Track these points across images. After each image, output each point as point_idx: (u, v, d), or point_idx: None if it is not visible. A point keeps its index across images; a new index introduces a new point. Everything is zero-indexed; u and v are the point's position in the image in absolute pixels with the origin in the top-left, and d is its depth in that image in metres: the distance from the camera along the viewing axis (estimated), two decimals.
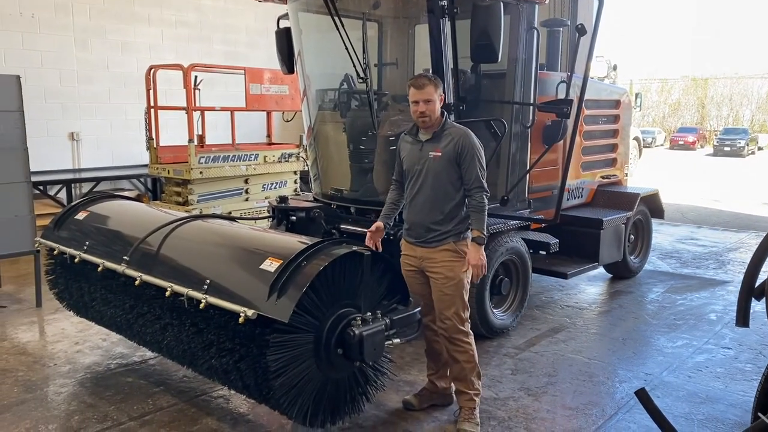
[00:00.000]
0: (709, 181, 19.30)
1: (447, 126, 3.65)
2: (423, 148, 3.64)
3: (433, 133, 3.63)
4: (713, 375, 4.59)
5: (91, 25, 9.83)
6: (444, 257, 3.63)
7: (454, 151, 3.55)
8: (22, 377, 4.42)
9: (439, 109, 3.60)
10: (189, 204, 8.07)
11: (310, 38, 5.96)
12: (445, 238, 3.63)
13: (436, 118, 3.59)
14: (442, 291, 3.65)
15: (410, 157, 3.71)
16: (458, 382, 3.77)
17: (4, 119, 5.63)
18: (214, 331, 3.40)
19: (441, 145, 3.59)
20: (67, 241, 4.40)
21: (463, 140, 3.57)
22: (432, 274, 3.68)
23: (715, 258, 8.40)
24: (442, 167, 3.59)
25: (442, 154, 3.57)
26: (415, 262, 3.75)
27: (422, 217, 3.66)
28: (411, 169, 3.70)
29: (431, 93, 3.53)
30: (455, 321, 3.65)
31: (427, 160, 3.61)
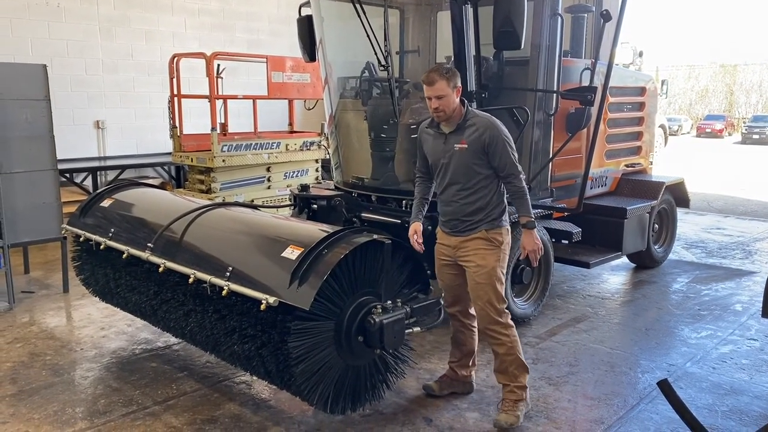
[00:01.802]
0: (736, 170, 18.95)
1: (469, 116, 3.56)
2: (447, 141, 3.58)
3: (456, 125, 3.55)
4: (738, 366, 4.53)
5: (115, 14, 9.91)
6: (476, 245, 3.58)
7: (480, 141, 3.48)
8: (50, 361, 4.52)
9: (456, 101, 3.50)
10: (212, 192, 8.13)
11: (332, 26, 5.95)
12: (477, 226, 3.58)
13: (452, 111, 3.50)
14: (474, 280, 3.60)
15: (435, 150, 3.66)
16: (499, 374, 3.74)
17: (32, 108, 5.72)
18: (237, 317, 3.44)
19: (465, 135, 3.51)
20: (93, 228, 4.47)
21: (489, 129, 3.49)
22: (465, 262, 3.64)
23: (742, 248, 8.26)
24: (469, 158, 3.52)
25: (467, 145, 3.50)
26: (449, 252, 3.71)
27: (454, 208, 3.62)
28: (437, 162, 3.65)
29: (442, 88, 3.43)
30: (489, 311, 3.60)
31: (452, 153, 3.55)
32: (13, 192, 5.64)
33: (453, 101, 3.48)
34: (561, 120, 5.51)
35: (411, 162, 5.66)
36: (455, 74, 3.50)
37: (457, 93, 3.48)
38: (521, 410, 3.65)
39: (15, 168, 5.64)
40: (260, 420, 3.70)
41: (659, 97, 8.05)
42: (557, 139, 5.47)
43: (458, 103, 3.53)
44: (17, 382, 4.18)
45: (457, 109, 3.53)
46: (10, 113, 5.58)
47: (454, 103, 3.48)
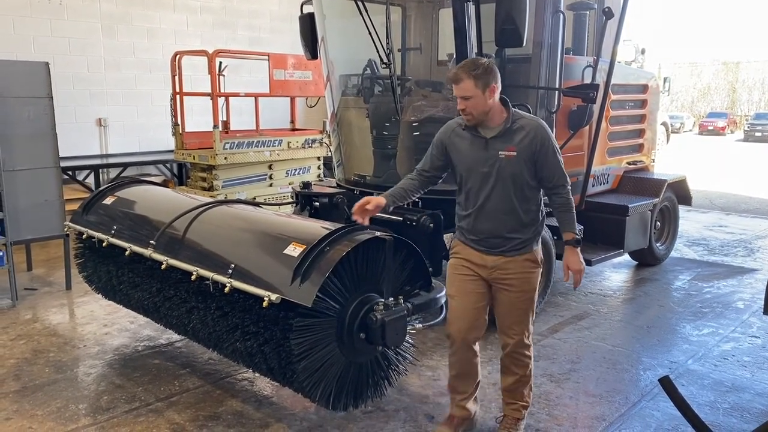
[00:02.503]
0: (738, 167, 18.92)
1: (516, 118, 3.12)
2: (489, 147, 3.11)
3: (500, 129, 3.10)
4: (740, 364, 4.53)
5: (117, 12, 9.91)
6: (521, 268, 3.21)
7: (530, 148, 3.07)
8: (53, 358, 4.54)
9: (488, 103, 3.04)
10: (214, 189, 8.14)
11: (334, 23, 5.95)
12: (525, 245, 3.20)
13: (483, 114, 3.07)
14: (514, 305, 3.26)
15: (471, 156, 3.18)
16: (509, 393, 3.49)
17: (34, 105, 5.72)
18: (239, 314, 3.45)
19: (514, 142, 3.08)
20: (96, 225, 4.48)
21: (540, 134, 3.09)
22: (505, 286, 3.24)
23: (744, 245, 8.26)
24: (518, 167, 3.09)
25: (517, 152, 3.07)
26: (481, 271, 3.26)
27: (497, 225, 3.17)
28: (473, 170, 3.17)
29: (469, 88, 3.01)
30: (524, 336, 3.32)
31: (497, 161, 3.09)
32: (16, 189, 5.64)
33: (483, 103, 3.04)
34: (563, 117, 5.51)
35: (413, 159, 5.68)
36: (488, 72, 3.02)
37: (491, 93, 3.03)
38: (521, 428, 3.50)
39: (18, 165, 5.65)
40: (262, 416, 3.71)
41: (661, 95, 8.04)
42: (559, 136, 5.45)
43: (495, 105, 3.08)
44: (21, 378, 4.20)
45: (493, 111, 3.09)
46: (13, 111, 5.59)
47: (484, 105, 3.05)
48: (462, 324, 3.28)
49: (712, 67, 49.50)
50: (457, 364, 3.38)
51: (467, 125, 3.17)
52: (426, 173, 3.42)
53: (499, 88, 3.06)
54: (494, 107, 3.08)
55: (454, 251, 3.36)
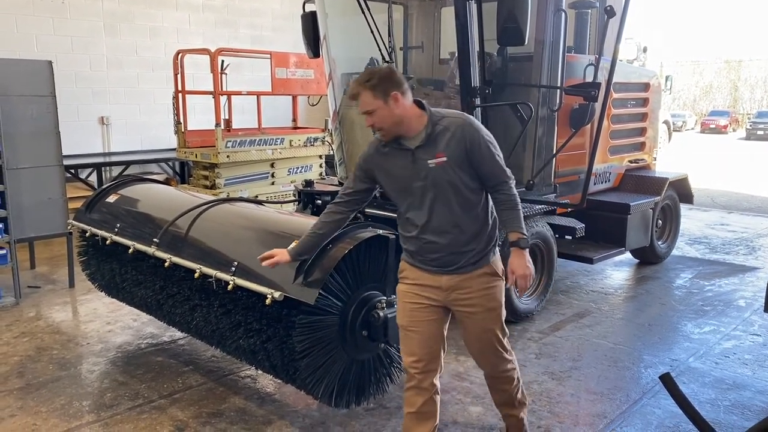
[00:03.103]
0: (740, 166, 18.91)
1: (436, 119, 2.76)
2: (416, 158, 2.75)
3: (424, 136, 2.74)
4: (741, 361, 4.54)
5: (119, 10, 9.92)
6: (482, 284, 2.87)
7: (460, 149, 2.72)
8: (56, 355, 4.56)
9: (397, 112, 2.69)
10: (216, 187, 8.16)
11: (336, 22, 5.96)
12: (482, 257, 2.86)
13: (395, 125, 2.72)
14: (482, 327, 2.94)
15: (401, 174, 2.81)
16: (504, 406, 3.27)
17: (37, 104, 5.74)
18: (242, 312, 3.47)
19: (441, 146, 2.72)
20: (99, 223, 4.50)
21: (468, 131, 2.74)
22: (467, 308, 2.89)
23: (746, 244, 8.26)
24: (453, 173, 2.73)
25: (447, 157, 2.72)
26: (437, 295, 2.88)
27: (447, 241, 2.80)
28: (408, 188, 2.80)
29: (368, 101, 2.69)
30: (500, 355, 3.03)
31: (428, 172, 2.74)
32: (19, 188, 5.67)
33: (389, 114, 2.69)
34: (565, 116, 5.52)
35: None
36: (385, 79, 2.69)
37: (395, 101, 2.67)
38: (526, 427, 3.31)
39: (21, 164, 5.67)
40: (265, 413, 3.73)
41: (663, 93, 8.05)
42: (561, 135, 5.48)
43: (407, 112, 2.72)
44: (24, 375, 4.22)
45: (407, 119, 2.73)
46: (16, 109, 5.61)
47: (391, 115, 2.69)
48: (417, 358, 2.89)
49: (715, 65, 49.40)
50: (413, 399, 2.92)
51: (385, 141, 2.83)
52: (346, 197, 3.00)
53: (404, 94, 2.70)
54: (406, 115, 2.72)
55: (402, 275, 2.97)
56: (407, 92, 2.73)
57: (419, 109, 2.77)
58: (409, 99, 2.75)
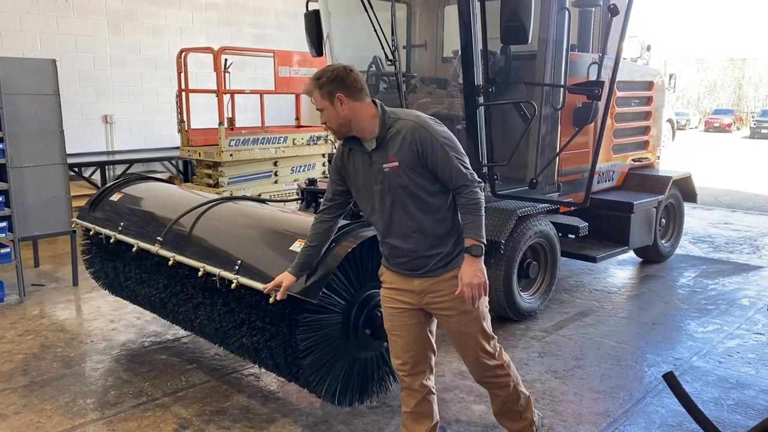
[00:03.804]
0: (744, 164, 18.86)
1: (389, 122, 2.69)
2: (373, 161, 2.72)
3: (375, 139, 2.69)
4: (744, 360, 4.54)
5: (123, 9, 9.94)
6: (452, 287, 2.76)
7: (412, 153, 2.64)
8: (60, 353, 4.57)
9: (344, 113, 2.66)
10: (219, 186, 8.17)
11: (339, 20, 5.96)
12: (451, 260, 2.78)
13: (342, 125, 2.70)
14: (459, 330, 2.88)
15: (361, 176, 2.79)
16: (502, 417, 3.21)
17: (41, 102, 5.76)
18: (245, 310, 3.47)
19: (392, 151, 2.66)
20: (103, 221, 4.51)
21: (419, 134, 2.64)
22: (441, 311, 2.85)
23: (749, 243, 8.24)
24: (405, 178, 2.67)
25: (399, 162, 2.65)
26: (411, 299, 2.86)
27: (410, 245, 2.76)
28: (368, 191, 2.78)
29: (317, 100, 2.68)
30: (483, 359, 2.96)
31: (384, 176, 2.69)
32: (23, 186, 5.68)
33: (335, 115, 2.67)
34: (568, 114, 5.52)
35: None
36: (332, 80, 2.64)
37: (340, 102, 2.64)
38: None
39: (25, 162, 5.69)
40: (268, 412, 3.74)
41: (667, 92, 8.03)
42: (564, 133, 5.48)
43: (357, 114, 2.68)
44: (29, 373, 4.23)
45: (358, 120, 2.68)
46: (20, 108, 5.62)
47: (337, 116, 2.67)
48: (402, 361, 2.92)
49: (719, 63, 49.29)
50: (406, 400, 2.98)
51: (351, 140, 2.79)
52: (328, 202, 3.00)
53: (353, 95, 2.65)
54: (355, 117, 2.67)
55: (381, 279, 2.98)
56: (358, 93, 2.67)
57: (374, 111, 2.70)
58: (362, 100, 2.68)
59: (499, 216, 4.90)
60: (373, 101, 2.73)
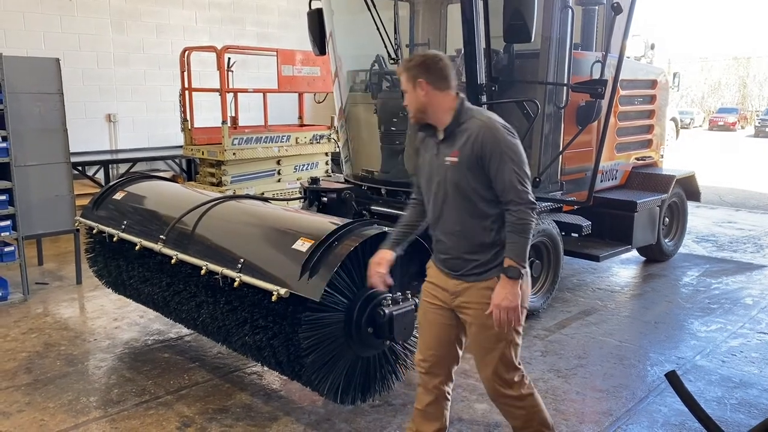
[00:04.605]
0: (748, 163, 18.80)
1: (464, 117, 2.67)
2: (439, 152, 2.72)
3: (445, 130, 2.70)
4: (748, 360, 4.53)
5: (126, 8, 9.95)
6: (482, 297, 2.67)
7: (473, 153, 2.60)
8: (64, 351, 4.59)
9: (423, 99, 2.68)
10: (223, 185, 8.18)
11: (342, 19, 5.96)
12: (486, 270, 2.69)
13: (417, 111, 2.73)
14: (478, 344, 2.79)
15: (427, 163, 2.79)
16: None
17: (45, 101, 5.77)
18: (248, 308, 3.48)
19: (457, 146, 2.65)
20: (106, 220, 4.52)
21: (484, 135, 2.60)
22: (466, 317, 2.77)
23: (753, 241, 8.22)
24: (462, 176, 2.65)
25: (459, 158, 2.64)
26: (445, 298, 2.81)
27: (452, 243, 2.75)
28: (429, 180, 2.78)
29: (403, 82, 2.71)
30: (495, 383, 2.80)
31: (445, 169, 2.69)
32: (27, 185, 5.69)
33: (414, 99, 2.70)
34: (571, 113, 5.50)
35: None
36: (418, 65, 2.68)
37: (422, 88, 2.66)
38: None
39: (29, 161, 5.70)
40: (271, 410, 3.74)
41: (671, 90, 8.01)
42: (567, 132, 5.46)
43: (435, 102, 2.69)
44: (32, 371, 4.25)
45: (435, 109, 2.70)
46: (24, 107, 5.63)
47: (416, 101, 2.70)
48: (422, 357, 2.89)
49: (723, 62, 49.13)
50: (420, 396, 2.93)
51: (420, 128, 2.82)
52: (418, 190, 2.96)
53: (434, 83, 2.65)
54: (432, 105, 2.68)
55: (427, 272, 2.96)
56: (440, 81, 2.66)
57: (453, 103, 2.69)
58: (443, 90, 2.68)
59: None
60: (458, 94, 2.73)
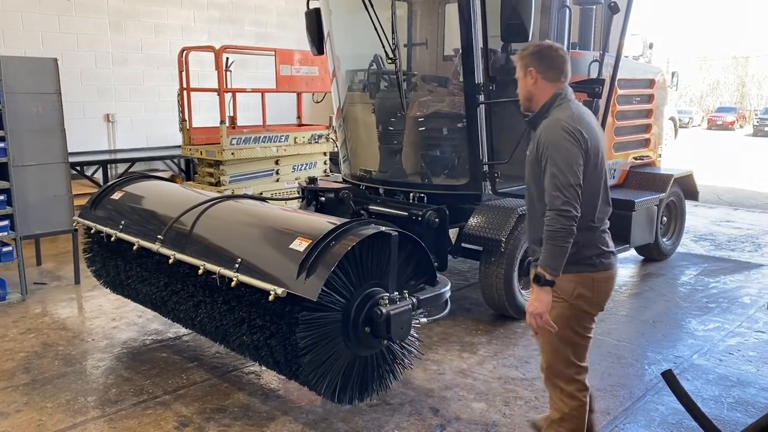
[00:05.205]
0: (747, 162, 18.82)
1: (548, 112, 2.73)
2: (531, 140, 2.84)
3: (531, 121, 2.82)
4: (745, 358, 4.53)
5: (124, 8, 9.95)
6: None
7: (536, 150, 2.69)
8: (62, 351, 4.59)
9: (531, 88, 2.76)
10: (221, 185, 8.18)
11: (340, 18, 5.96)
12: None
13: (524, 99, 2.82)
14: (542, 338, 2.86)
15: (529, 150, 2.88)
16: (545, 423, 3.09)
17: (43, 101, 5.77)
18: (246, 308, 3.48)
19: (533, 140, 2.77)
20: (104, 220, 4.52)
21: (543, 133, 2.67)
22: None
23: (751, 241, 8.23)
24: (529, 171, 2.79)
25: (528, 153, 2.78)
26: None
27: (529, 232, 2.90)
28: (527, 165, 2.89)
29: (518, 68, 2.80)
30: (552, 375, 2.87)
31: (527, 161, 2.84)
32: (25, 185, 5.70)
33: (523, 86, 2.80)
34: None
35: (419, 154, 5.69)
36: (532, 54, 2.76)
37: (531, 77, 2.74)
38: None
39: (27, 161, 5.70)
40: (269, 409, 3.75)
41: (669, 89, 8.01)
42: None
43: (539, 92, 2.76)
44: (30, 371, 4.25)
45: (537, 98, 2.77)
46: (22, 107, 5.63)
47: (524, 88, 2.80)
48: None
49: (722, 61, 49.15)
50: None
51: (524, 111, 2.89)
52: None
53: (544, 74, 2.72)
54: (537, 95, 2.76)
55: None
56: (549, 72, 2.73)
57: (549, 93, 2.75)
58: (551, 81, 2.74)
59: (500, 214, 4.90)
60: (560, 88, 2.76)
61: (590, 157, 2.65)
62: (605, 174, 2.79)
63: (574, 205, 2.57)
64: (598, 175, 2.72)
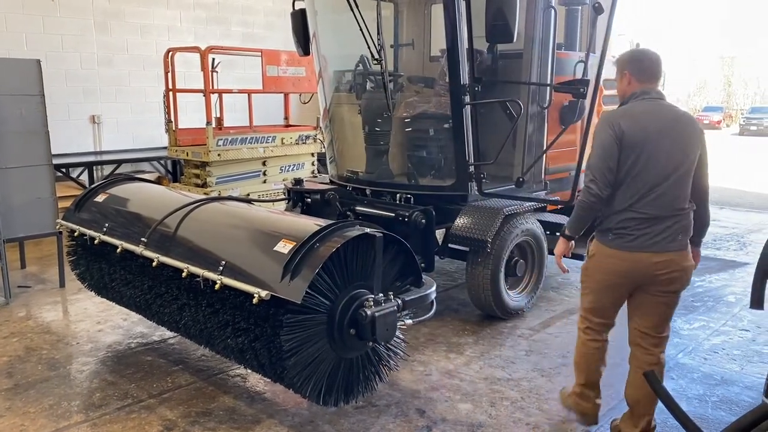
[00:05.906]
0: (733, 161, 18.96)
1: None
2: None
3: None
4: (729, 357, 4.56)
5: (110, 8, 9.87)
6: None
7: None
8: (46, 355, 4.54)
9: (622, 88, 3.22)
10: (208, 186, 8.14)
11: (325, 19, 5.95)
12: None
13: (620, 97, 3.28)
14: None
15: None
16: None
17: (26, 103, 5.71)
18: (230, 311, 3.46)
19: None
20: (88, 222, 4.48)
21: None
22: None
23: (736, 239, 8.29)
24: None
25: None
26: None
27: None
28: None
29: (616, 70, 3.27)
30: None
31: None
32: (9, 187, 5.64)
33: (620, 87, 3.25)
34: (555, 113, 5.53)
35: (405, 155, 5.69)
36: (629, 59, 3.21)
37: (622, 79, 3.20)
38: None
39: (10, 163, 5.64)
40: (255, 412, 3.73)
41: None
42: (551, 131, 5.49)
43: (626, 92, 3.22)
44: (13, 376, 4.20)
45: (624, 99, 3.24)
46: (5, 108, 5.57)
47: (621, 90, 3.26)
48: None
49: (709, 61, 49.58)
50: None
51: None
52: None
53: (634, 76, 3.13)
54: (625, 95, 3.19)
55: None
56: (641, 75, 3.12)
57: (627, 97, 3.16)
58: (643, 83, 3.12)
59: (486, 215, 4.91)
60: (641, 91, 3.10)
61: (626, 149, 3.01)
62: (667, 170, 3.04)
63: (598, 184, 3.05)
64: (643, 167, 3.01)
